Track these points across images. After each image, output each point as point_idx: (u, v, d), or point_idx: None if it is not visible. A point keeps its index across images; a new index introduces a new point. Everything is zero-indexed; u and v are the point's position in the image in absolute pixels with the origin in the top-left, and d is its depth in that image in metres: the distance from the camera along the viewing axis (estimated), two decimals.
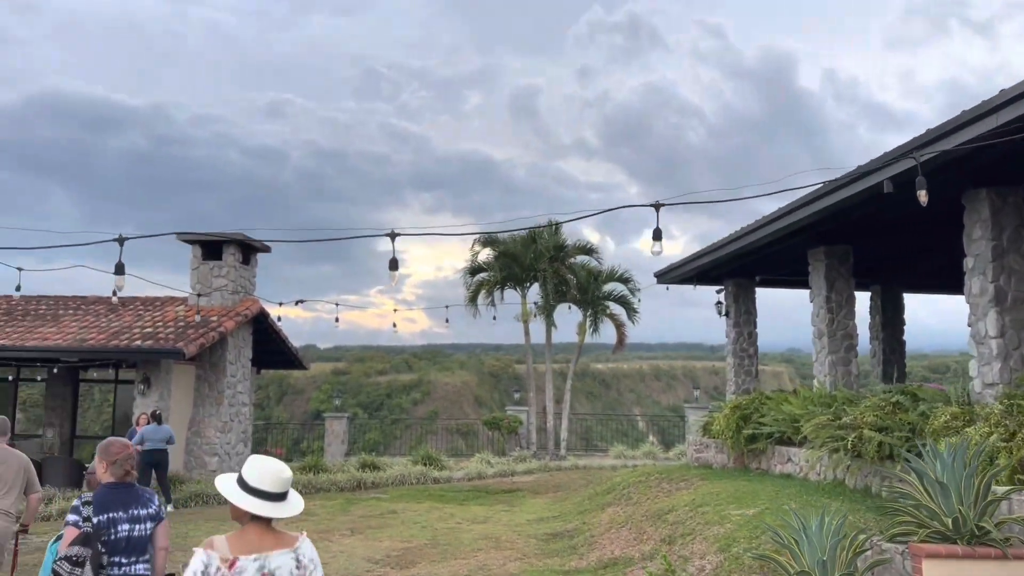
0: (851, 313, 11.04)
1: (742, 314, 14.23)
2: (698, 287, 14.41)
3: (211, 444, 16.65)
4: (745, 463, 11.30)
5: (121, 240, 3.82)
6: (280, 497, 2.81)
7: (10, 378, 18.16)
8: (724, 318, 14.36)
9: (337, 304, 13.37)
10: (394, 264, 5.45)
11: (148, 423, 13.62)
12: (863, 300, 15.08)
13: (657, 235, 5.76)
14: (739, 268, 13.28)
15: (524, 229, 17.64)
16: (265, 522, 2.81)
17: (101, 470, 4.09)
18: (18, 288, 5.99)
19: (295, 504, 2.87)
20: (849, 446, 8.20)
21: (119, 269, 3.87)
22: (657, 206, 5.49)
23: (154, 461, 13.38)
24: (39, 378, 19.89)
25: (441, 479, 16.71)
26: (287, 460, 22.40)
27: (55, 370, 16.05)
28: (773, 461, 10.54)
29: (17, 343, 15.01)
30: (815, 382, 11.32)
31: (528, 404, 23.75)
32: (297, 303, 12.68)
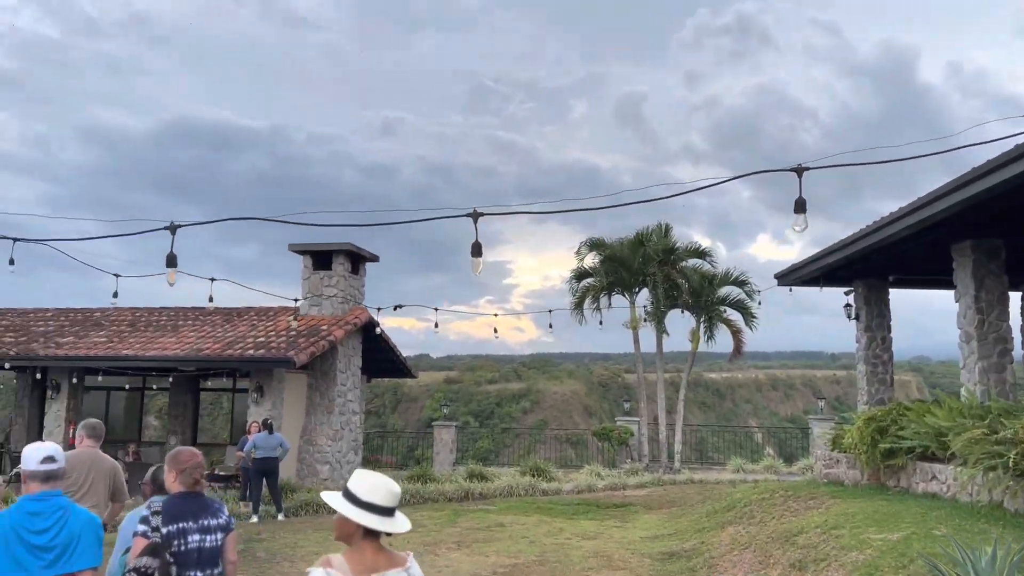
0: (1004, 314, 9.89)
1: (874, 317, 13.11)
2: (824, 288, 13.37)
3: (322, 452, 16.77)
4: (881, 480, 10.30)
5: (173, 228, 3.57)
6: (390, 512, 2.68)
7: (126, 387, 18.92)
8: (854, 322, 13.28)
9: (437, 309, 13.18)
10: (477, 249, 4.99)
11: (259, 431, 13.78)
12: (1017, 300, 13.65)
13: (800, 206, 4.98)
14: (871, 267, 12.21)
15: (614, 206, 16.94)
16: (376, 540, 2.68)
17: (171, 479, 3.96)
18: (115, 295, 5.99)
19: (403, 520, 2.74)
20: (1010, 464, 7.21)
21: (171, 261, 3.60)
22: (799, 170, 4.80)
23: (265, 469, 13.50)
24: (154, 387, 20.70)
25: (550, 491, 16.23)
26: (400, 468, 22.50)
27: (171, 379, 16.55)
28: (915, 479, 9.52)
29: (139, 353, 15.54)
30: (963, 391, 10.20)
31: (639, 414, 22.97)
32: (396, 308, 12.54)
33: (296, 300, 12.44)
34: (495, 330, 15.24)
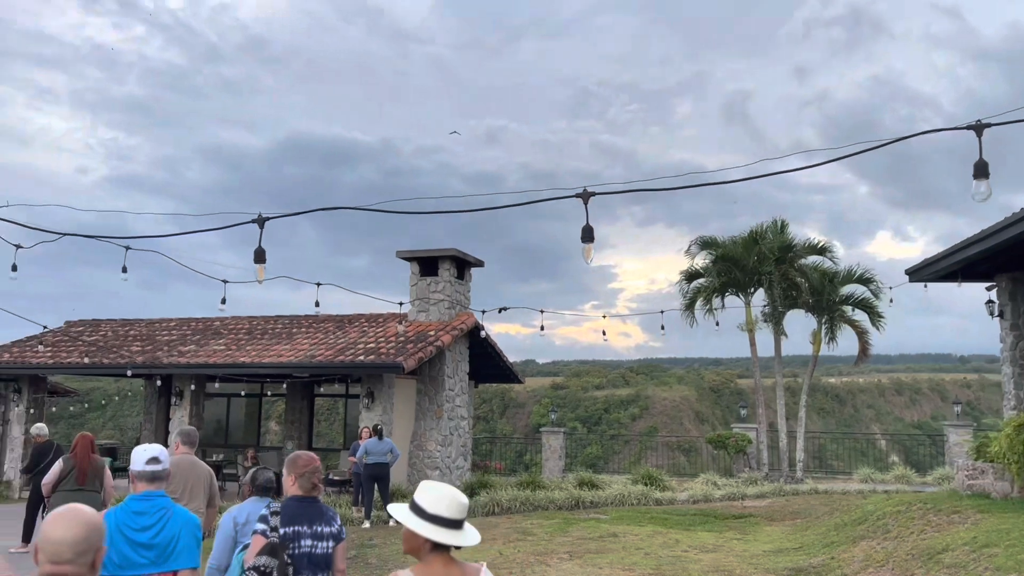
0: None
1: (1020, 315, 11.96)
2: (963, 284, 12.29)
3: (432, 458, 16.79)
4: None
5: (261, 221, 3.41)
6: (458, 524, 2.60)
7: (242, 393, 19.50)
8: (997, 319, 12.16)
9: (543, 311, 12.91)
10: (588, 234, 4.59)
11: (370, 436, 13.86)
12: None
13: (981, 171, 4.28)
14: (1016, 259, 11.15)
15: (708, 184, 16.15)
16: (446, 553, 2.61)
17: (289, 483, 4.01)
18: (223, 301, 6.04)
19: (473, 533, 2.66)
20: None
21: (259, 256, 3.44)
22: (979, 127, 4.22)
23: (377, 475, 13.56)
24: (268, 393, 21.29)
25: (663, 500, 15.66)
26: (508, 474, 22.37)
27: (284, 385, 16.92)
28: None
29: (255, 360, 15.96)
30: None
31: (757, 421, 21.99)
32: (501, 310, 12.33)
33: (400, 304, 12.53)
34: (603, 332, 14.82)
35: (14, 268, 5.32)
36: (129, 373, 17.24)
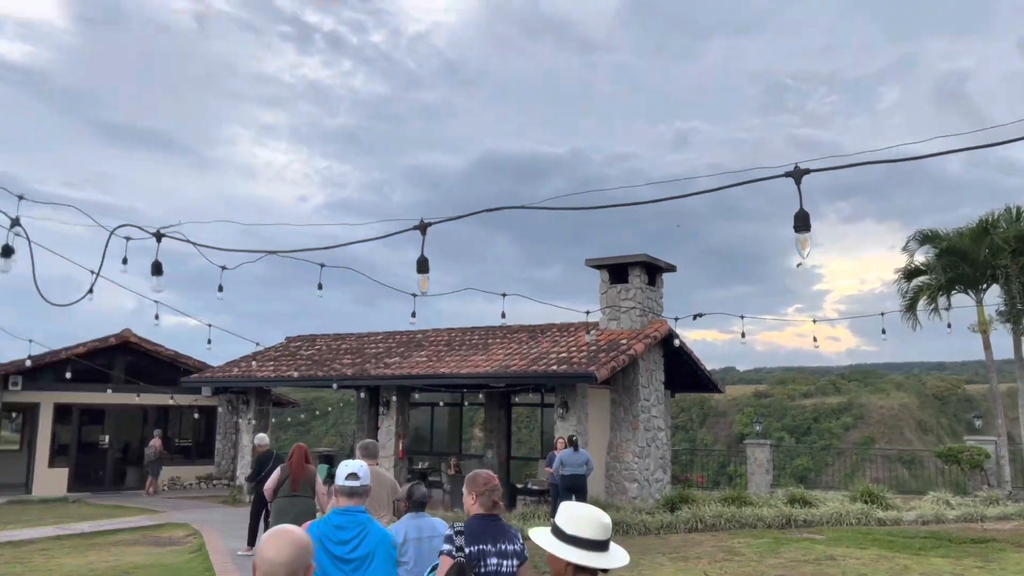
0: None
1: None
2: None
3: (630, 470, 16.38)
4: None
5: (423, 227, 3.25)
6: (602, 546, 2.50)
7: (440, 403, 20.05)
8: None
9: (743, 316, 12.09)
10: (803, 222, 3.94)
11: (565, 447, 13.72)
12: None
13: None
14: None
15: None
16: None
17: (470, 501, 4.01)
18: (413, 315, 6.13)
19: (619, 554, 2.55)
20: None
21: (421, 266, 3.28)
22: None
23: (573, 486, 13.39)
24: (466, 403, 21.78)
25: (887, 520, 14.25)
26: (710, 487, 21.46)
27: (480, 395, 17.19)
28: None
29: (454, 371, 16.36)
30: None
31: (995, 432, 19.58)
32: (695, 317, 11.70)
33: (587, 312, 12.25)
34: (815, 339, 13.71)
35: (220, 288, 5.65)
36: (335, 386, 18.28)
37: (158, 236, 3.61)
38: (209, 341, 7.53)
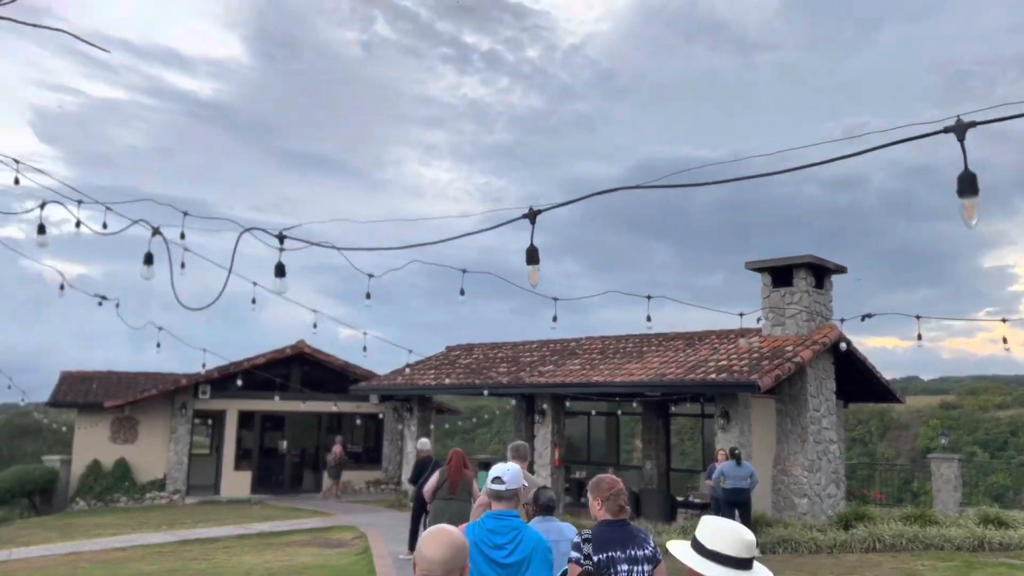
0: None
1: None
2: None
3: (799, 484, 15.47)
4: None
5: (532, 216, 3.10)
6: (744, 564, 2.41)
7: (592, 412, 19.78)
8: None
9: (918, 317, 10.97)
10: (968, 184, 3.28)
11: (727, 459, 13.16)
12: None
13: None
14: None
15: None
16: None
17: (596, 507, 3.96)
18: (554, 319, 6.03)
19: (764, 573, 2.46)
20: None
21: (531, 257, 3.14)
22: None
23: (737, 500, 12.82)
24: (619, 412, 21.41)
25: None
26: (891, 505, 19.91)
27: (634, 404, 16.84)
28: None
29: (607, 379, 16.13)
30: None
31: None
32: (864, 318, 10.81)
33: (741, 315, 11.62)
34: (1004, 340, 12.39)
35: (368, 296, 5.80)
36: (485, 393, 18.50)
37: (280, 238, 3.73)
38: (364, 349, 7.80)
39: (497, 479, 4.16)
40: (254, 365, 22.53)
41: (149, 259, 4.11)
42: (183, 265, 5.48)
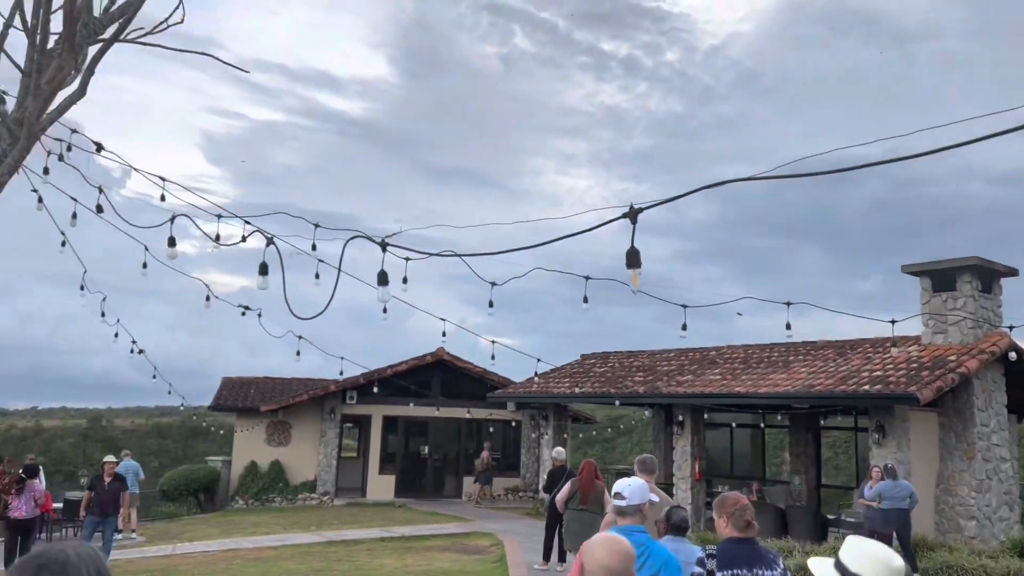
0: None
1: None
2: None
3: (965, 505, 14.23)
4: None
5: (634, 215, 2.90)
6: None
7: (733, 424, 18.97)
8: None
9: None
10: None
11: (882, 478, 12.27)
12: None
13: None
14: None
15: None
16: None
17: (721, 524, 3.86)
18: (684, 327, 5.78)
19: None
20: None
21: (632, 259, 2.93)
22: None
23: (894, 522, 11.92)
24: (761, 425, 20.44)
25: None
26: None
27: (779, 416, 16.05)
28: None
29: (751, 390, 15.47)
30: None
31: None
32: None
33: (892, 322, 10.76)
34: None
35: (491, 304, 5.80)
36: (617, 403, 18.18)
37: (383, 245, 3.74)
38: (493, 356, 7.82)
39: (618, 494, 4.09)
40: (396, 372, 23.24)
41: (264, 269, 4.25)
42: (317, 276, 5.71)
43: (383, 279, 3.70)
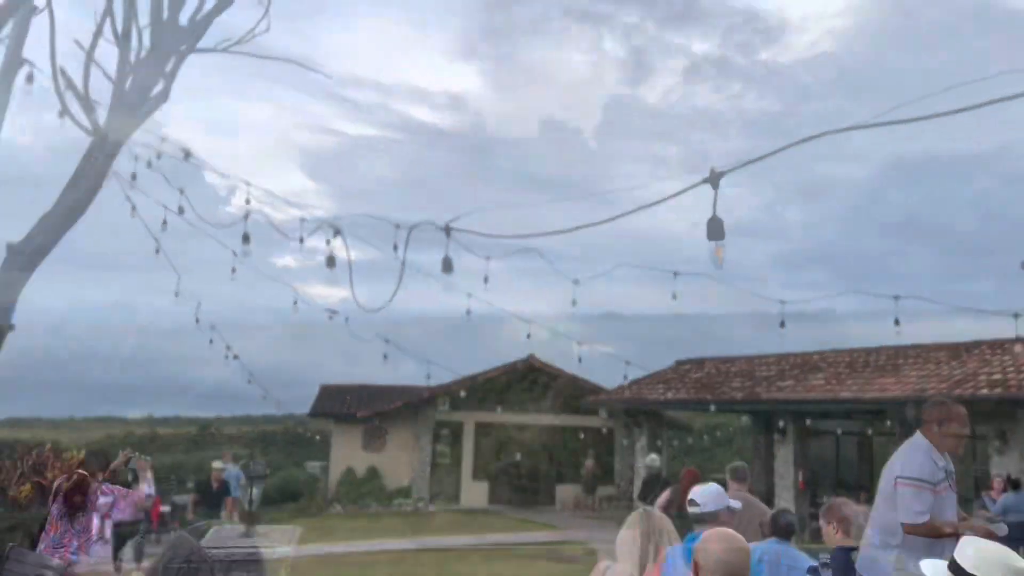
0: None
1: None
2: None
3: None
4: None
5: (715, 180, 2.66)
6: None
7: (838, 431, 18.08)
8: None
9: None
10: None
11: (1004, 489, 11.39)
12: None
13: None
14: None
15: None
16: None
17: (830, 532, 3.88)
18: (782, 324, 5.43)
19: None
20: None
21: (714, 231, 2.68)
22: None
23: (1020, 537, 11.03)
24: (869, 431, 19.39)
25: None
26: None
27: (887, 423, 15.15)
28: None
29: (856, 395, 14.72)
30: None
31: None
32: None
33: (1016, 315, 10.05)
34: None
35: (574, 303, 5.61)
36: (712, 408, 17.59)
37: (447, 231, 3.64)
38: (580, 359, 7.65)
39: (692, 501, 4.05)
40: (488, 378, 23.24)
41: (331, 260, 4.21)
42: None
43: (447, 266, 3.60)
